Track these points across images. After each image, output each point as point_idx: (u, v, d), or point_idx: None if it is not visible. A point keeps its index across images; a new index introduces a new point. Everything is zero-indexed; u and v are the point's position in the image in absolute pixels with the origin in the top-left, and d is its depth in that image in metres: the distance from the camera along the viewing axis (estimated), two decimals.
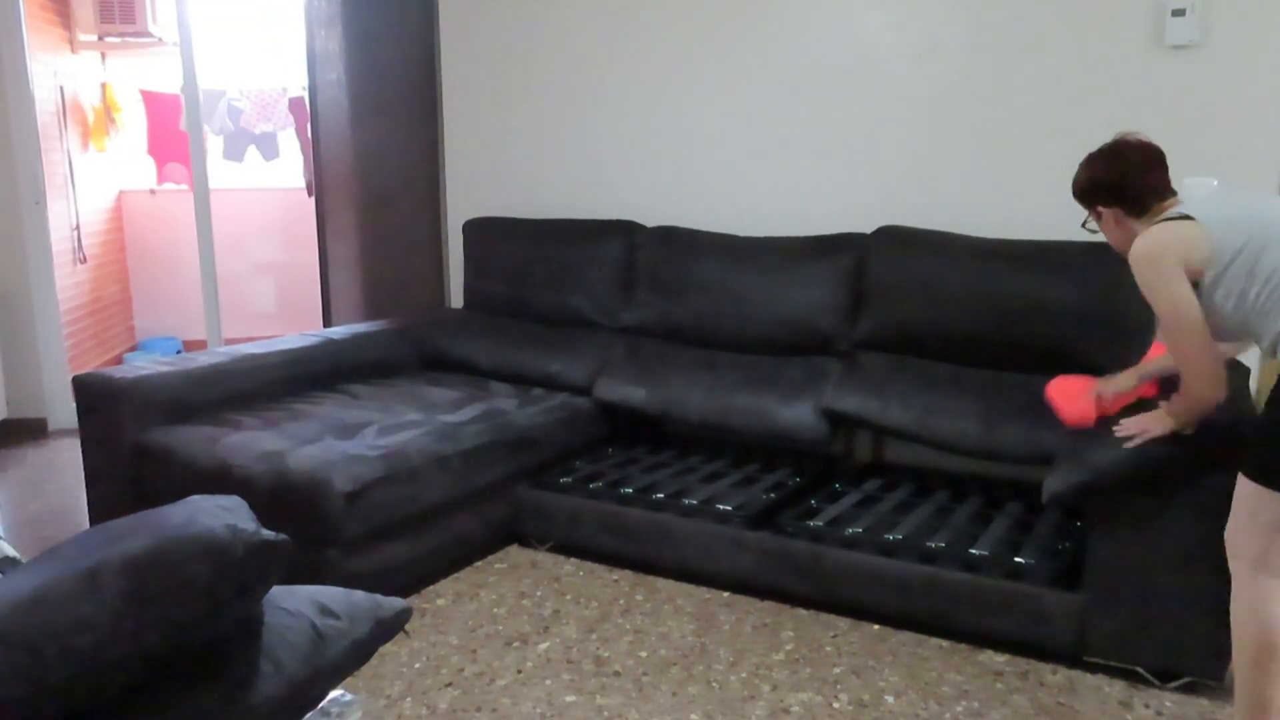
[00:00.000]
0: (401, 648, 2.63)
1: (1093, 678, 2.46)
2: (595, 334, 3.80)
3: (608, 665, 2.53)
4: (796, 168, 3.67)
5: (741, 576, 2.89)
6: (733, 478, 3.27)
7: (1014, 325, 3.04)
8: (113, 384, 2.98)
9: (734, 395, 3.35)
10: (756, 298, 3.46)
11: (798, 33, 3.60)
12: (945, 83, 3.38)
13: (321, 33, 4.19)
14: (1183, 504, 2.29)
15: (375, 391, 3.47)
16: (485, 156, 4.35)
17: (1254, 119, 2.98)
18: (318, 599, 1.43)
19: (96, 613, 1.08)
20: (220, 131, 6.22)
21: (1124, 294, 2.93)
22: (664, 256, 3.69)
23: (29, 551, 3.15)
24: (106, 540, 1.17)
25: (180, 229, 6.19)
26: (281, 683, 1.28)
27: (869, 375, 3.23)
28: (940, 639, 2.66)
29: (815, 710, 2.33)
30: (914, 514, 2.91)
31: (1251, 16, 2.95)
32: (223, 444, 2.86)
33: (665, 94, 3.88)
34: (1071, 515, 2.88)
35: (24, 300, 4.76)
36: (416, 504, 2.88)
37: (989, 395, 3.04)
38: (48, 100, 5.16)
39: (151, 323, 6.56)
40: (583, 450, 3.54)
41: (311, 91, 4.25)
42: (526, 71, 4.17)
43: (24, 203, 4.72)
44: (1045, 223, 3.28)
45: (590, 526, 3.11)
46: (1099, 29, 3.14)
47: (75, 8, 5.73)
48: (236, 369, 3.28)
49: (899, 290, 3.23)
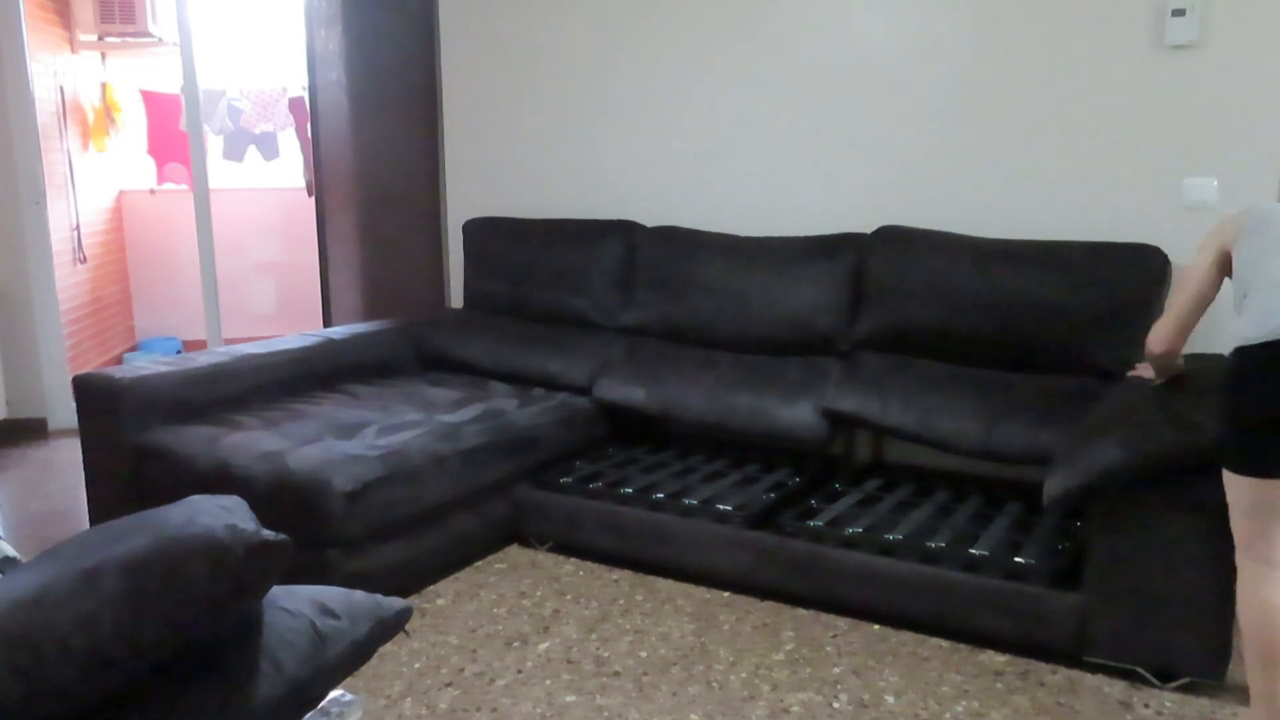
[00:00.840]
0: (401, 648, 2.63)
1: (1093, 678, 2.46)
2: (595, 334, 3.80)
3: (608, 665, 2.53)
4: (796, 168, 3.67)
5: (741, 576, 2.89)
6: (733, 478, 3.27)
7: (1014, 325, 3.04)
8: (113, 384, 2.98)
9: (734, 395, 3.35)
10: (757, 298, 3.46)
11: (798, 33, 3.60)
12: (945, 83, 3.38)
13: (321, 33, 4.19)
14: (1183, 504, 2.29)
15: (375, 391, 3.47)
16: (485, 156, 4.35)
17: (1254, 119, 2.98)
18: (318, 599, 1.43)
19: (96, 613, 1.08)
20: (220, 131, 6.22)
21: (1124, 294, 2.93)
22: (664, 256, 3.69)
23: (29, 551, 3.15)
24: (106, 540, 1.17)
25: (180, 229, 6.20)
26: (281, 683, 1.28)
27: (869, 375, 3.23)
28: (940, 639, 2.66)
29: (815, 710, 2.33)
30: (914, 514, 2.91)
31: (1251, 16, 2.95)
32: (223, 444, 2.86)
33: (665, 94, 3.88)
34: (1071, 515, 2.88)
35: (24, 300, 4.76)
36: (416, 504, 2.88)
37: (989, 395, 3.04)
38: (48, 100, 5.16)
39: (151, 323, 6.56)
40: (583, 450, 3.54)
41: (311, 91, 4.25)
42: (526, 71, 4.17)
43: (24, 203, 4.72)
44: (1045, 223, 3.28)
45: (590, 526, 3.11)
46: (1099, 29, 3.14)
47: (75, 8, 5.73)
48: (236, 369, 3.28)
49: (899, 290, 3.23)
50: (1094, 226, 3.21)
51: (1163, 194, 3.11)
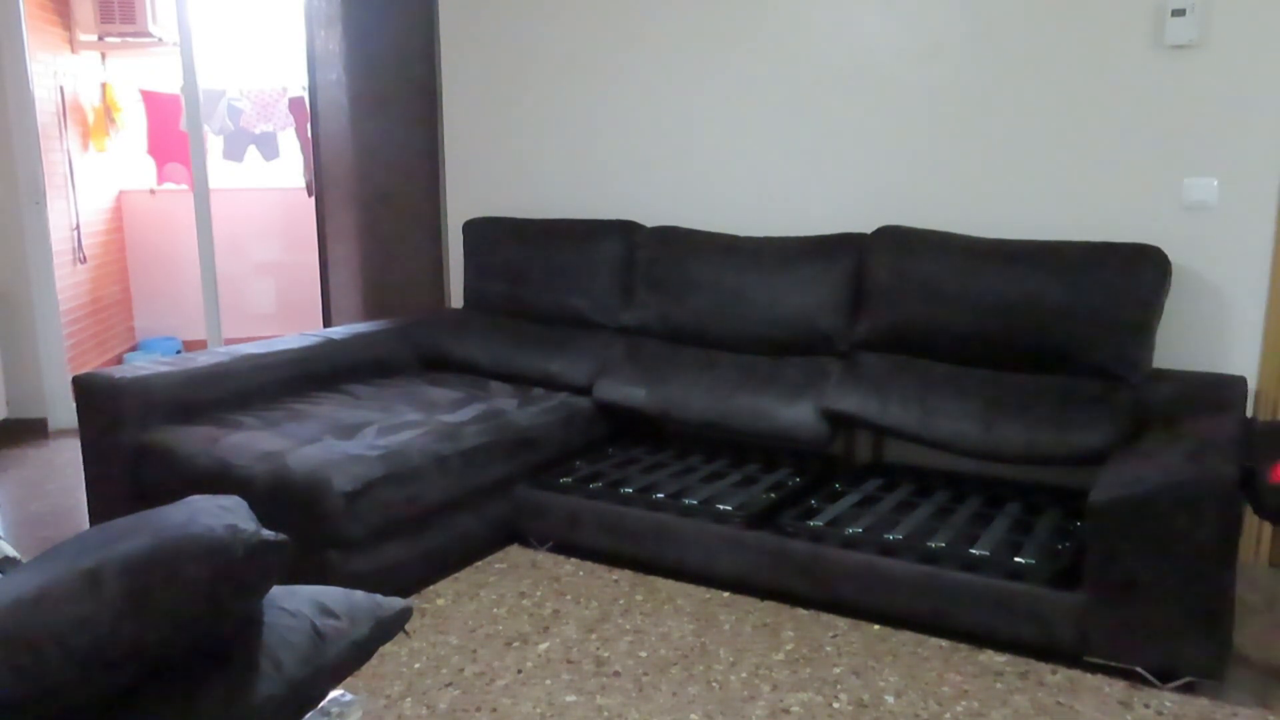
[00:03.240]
0: (401, 648, 2.63)
1: (1093, 678, 2.46)
2: (595, 334, 3.80)
3: (608, 665, 2.53)
4: (797, 167, 3.67)
5: (741, 576, 2.89)
6: (733, 478, 3.27)
7: (1014, 325, 3.04)
8: (113, 384, 2.98)
9: (734, 395, 3.35)
10: (756, 298, 3.46)
11: (798, 33, 3.60)
12: (945, 83, 3.38)
13: (321, 33, 4.19)
14: (1183, 504, 2.29)
15: (375, 391, 3.47)
16: (485, 156, 4.35)
17: (1254, 119, 2.98)
18: (318, 599, 1.43)
19: (96, 613, 1.08)
20: (220, 131, 6.22)
21: (1124, 294, 2.93)
22: (664, 256, 3.69)
23: (29, 551, 3.15)
24: (106, 540, 1.17)
25: (180, 229, 6.20)
26: (281, 683, 1.28)
27: (869, 375, 3.23)
28: (940, 639, 2.66)
29: (815, 710, 2.33)
30: (914, 514, 2.91)
31: (1251, 16, 2.95)
32: (223, 444, 2.86)
33: (665, 94, 3.88)
34: (1071, 515, 2.88)
35: (24, 300, 4.76)
36: (416, 504, 2.88)
37: (989, 395, 3.04)
38: (48, 100, 5.16)
39: (151, 323, 6.56)
40: (583, 450, 3.54)
41: (311, 91, 4.25)
42: (526, 71, 4.17)
43: (24, 203, 4.72)
44: (1045, 223, 3.28)
45: (590, 526, 3.11)
46: (1099, 29, 3.14)
47: (75, 8, 5.73)
48: (236, 369, 3.28)
49: (899, 290, 3.23)
50: (1094, 226, 3.21)
51: (1163, 194, 3.11)
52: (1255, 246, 3.02)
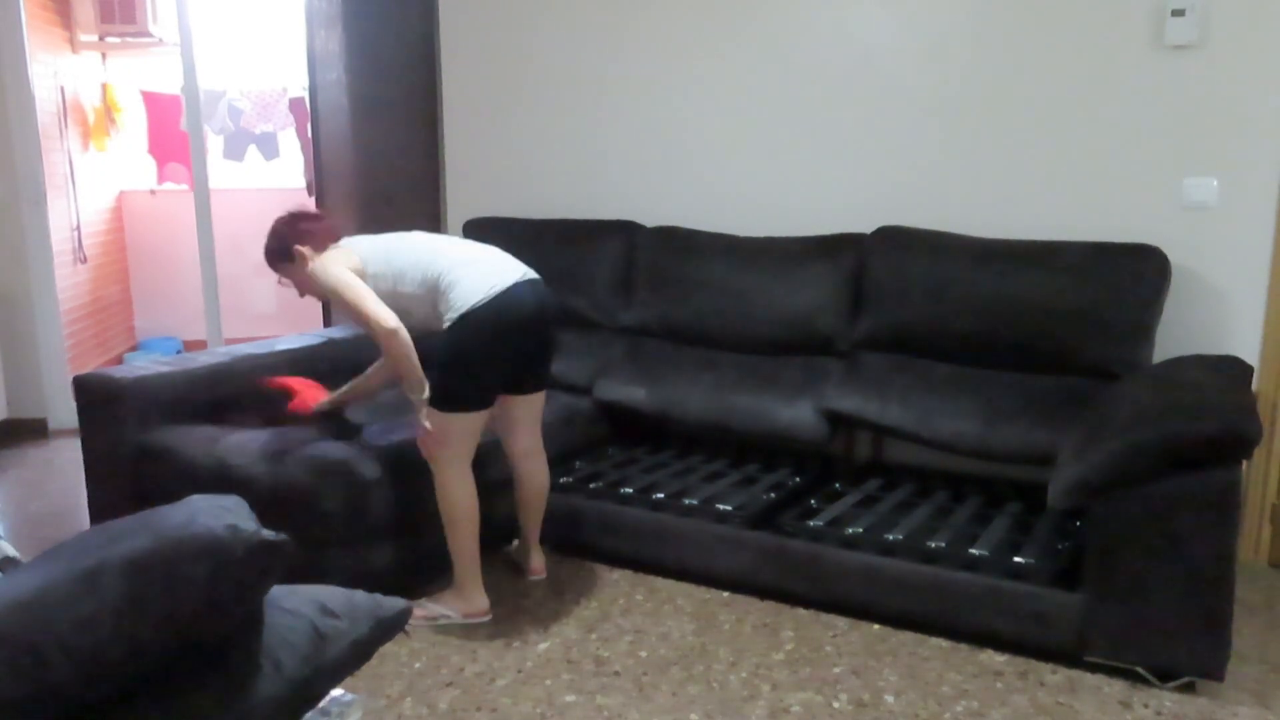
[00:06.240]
0: (401, 648, 2.63)
1: (1093, 678, 2.46)
2: (595, 334, 3.80)
3: (608, 665, 2.53)
4: (797, 168, 3.67)
5: (741, 576, 2.89)
6: (733, 478, 3.27)
7: (1014, 325, 3.04)
8: (113, 384, 2.98)
9: (734, 395, 3.35)
10: (756, 298, 3.46)
11: (798, 33, 3.60)
12: (945, 83, 3.38)
13: (321, 33, 4.19)
14: (1183, 503, 2.29)
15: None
16: (485, 156, 4.35)
17: (1254, 119, 2.98)
18: (318, 599, 1.43)
19: (97, 613, 1.08)
20: (220, 131, 6.22)
21: (1124, 294, 2.93)
22: (664, 256, 3.69)
23: (29, 551, 3.15)
24: (106, 540, 1.17)
25: (180, 229, 6.20)
26: (281, 683, 1.28)
27: (869, 375, 3.23)
28: (940, 639, 2.66)
29: (815, 710, 2.33)
30: (914, 514, 2.91)
31: (1251, 16, 2.95)
32: (223, 444, 2.86)
33: (666, 94, 3.88)
34: (1071, 515, 2.88)
35: (24, 300, 4.76)
36: (416, 504, 2.88)
37: (989, 395, 3.04)
38: (48, 100, 5.16)
39: (151, 323, 6.56)
40: (583, 450, 3.54)
41: (311, 91, 4.25)
42: (526, 72, 4.17)
43: (24, 203, 4.72)
44: (1045, 223, 3.28)
45: (590, 526, 3.11)
46: (1099, 29, 3.14)
47: (75, 8, 5.73)
48: (236, 369, 3.28)
49: (899, 290, 3.23)
50: (1094, 226, 3.21)
51: (1163, 194, 3.11)
52: (1255, 246, 3.02)
